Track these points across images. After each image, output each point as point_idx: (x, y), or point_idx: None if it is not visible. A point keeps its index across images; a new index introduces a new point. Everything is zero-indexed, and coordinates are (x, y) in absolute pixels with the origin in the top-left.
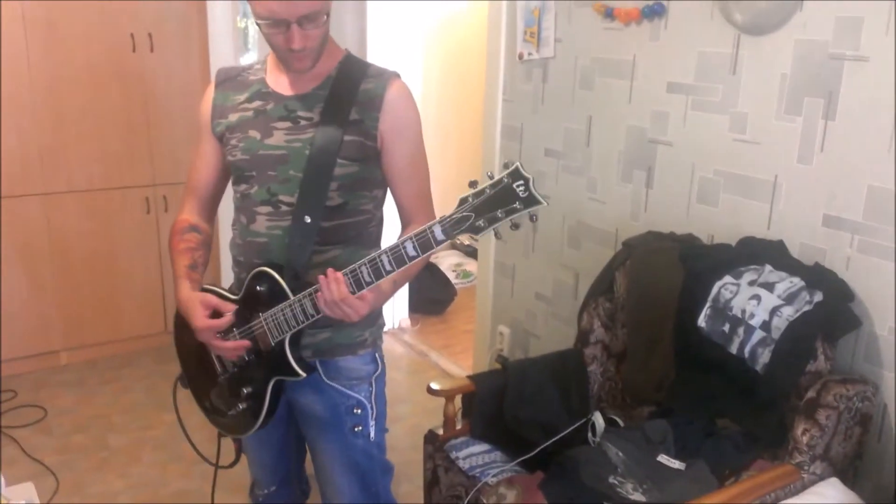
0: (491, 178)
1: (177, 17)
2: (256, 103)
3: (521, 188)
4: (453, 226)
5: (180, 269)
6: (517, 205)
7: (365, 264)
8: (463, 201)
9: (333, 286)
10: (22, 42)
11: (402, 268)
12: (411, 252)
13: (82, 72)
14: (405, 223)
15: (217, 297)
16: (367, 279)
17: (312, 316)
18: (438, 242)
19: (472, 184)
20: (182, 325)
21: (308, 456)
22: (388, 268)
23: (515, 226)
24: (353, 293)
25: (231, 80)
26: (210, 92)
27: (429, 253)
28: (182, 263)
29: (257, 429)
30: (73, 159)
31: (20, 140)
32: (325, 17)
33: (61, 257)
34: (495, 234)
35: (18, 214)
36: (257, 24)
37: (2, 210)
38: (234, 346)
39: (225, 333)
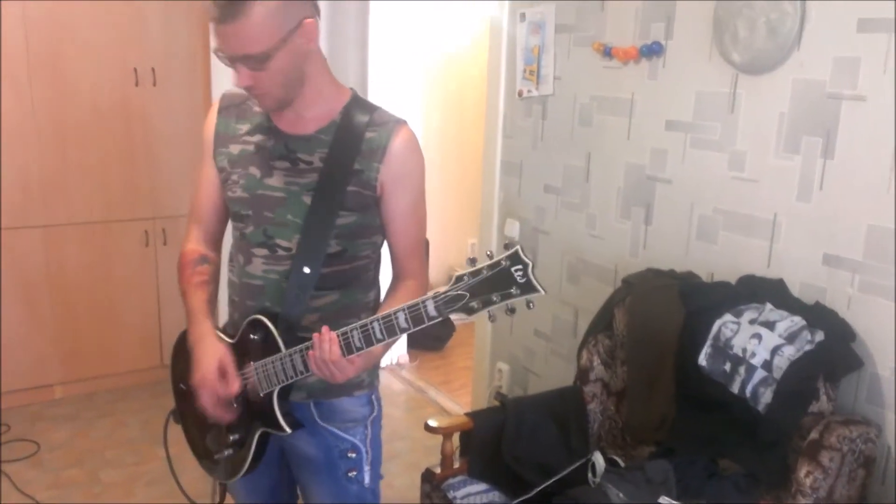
0: (490, 257)
1: (181, 51)
2: (258, 137)
3: (520, 273)
4: (447, 303)
5: (198, 303)
6: (514, 290)
7: (357, 329)
8: (458, 279)
9: (326, 346)
10: (25, 74)
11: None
12: (403, 324)
13: (85, 105)
14: (397, 273)
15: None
16: (358, 344)
17: (301, 373)
18: (430, 318)
19: (471, 261)
20: (180, 360)
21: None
22: (378, 336)
23: (511, 310)
24: (343, 356)
25: (234, 106)
26: (213, 116)
27: (420, 327)
28: (200, 298)
29: (242, 475)
30: (74, 191)
31: (21, 172)
32: (266, 60)
33: (59, 289)
34: (489, 317)
35: (17, 246)
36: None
37: (1, 241)
38: (221, 412)
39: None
